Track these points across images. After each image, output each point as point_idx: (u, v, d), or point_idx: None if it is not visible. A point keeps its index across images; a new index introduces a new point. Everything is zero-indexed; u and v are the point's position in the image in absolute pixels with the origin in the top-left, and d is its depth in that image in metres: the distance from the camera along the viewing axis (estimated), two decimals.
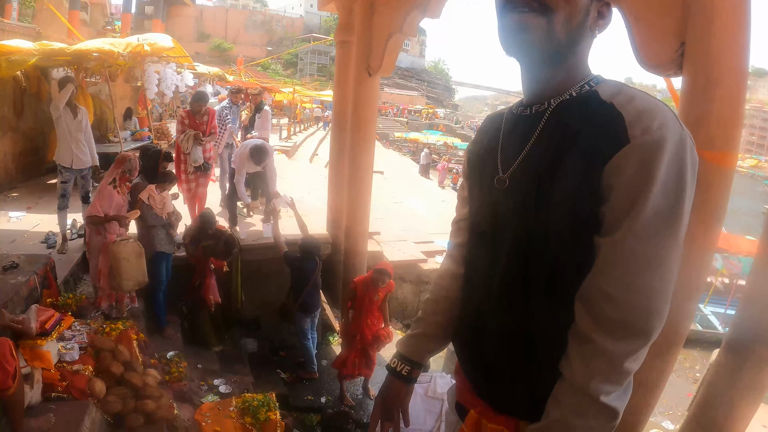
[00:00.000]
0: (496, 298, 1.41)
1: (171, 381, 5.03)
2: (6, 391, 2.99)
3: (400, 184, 16.66)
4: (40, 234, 6.49)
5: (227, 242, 6.24)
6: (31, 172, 9.39)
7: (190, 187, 7.41)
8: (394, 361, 1.75)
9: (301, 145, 19.82)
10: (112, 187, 5.06)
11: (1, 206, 7.51)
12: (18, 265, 4.42)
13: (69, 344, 4.20)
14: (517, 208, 1.33)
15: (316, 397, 6.36)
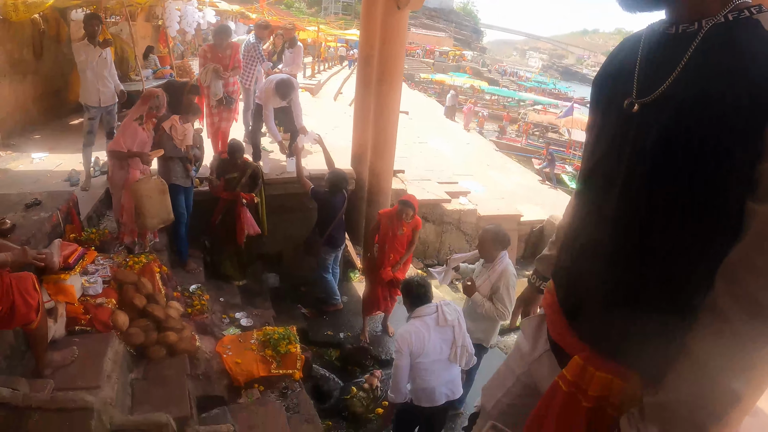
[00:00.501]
0: (608, 237, 1.28)
1: (193, 314, 5.10)
2: (29, 325, 3.03)
3: (425, 125, 16.37)
4: (63, 173, 6.51)
5: (253, 175, 6.18)
6: (53, 114, 9.35)
7: (213, 121, 7.34)
8: (533, 276, 1.98)
9: (326, 84, 19.50)
10: (138, 124, 4.99)
11: (24, 148, 7.52)
12: (40, 202, 4.43)
13: (92, 278, 4.24)
14: (648, 143, 1.16)
15: (335, 333, 6.43)
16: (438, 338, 3.72)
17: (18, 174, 6.50)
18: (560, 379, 1.43)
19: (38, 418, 2.74)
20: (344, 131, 9.01)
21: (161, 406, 3.54)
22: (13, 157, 7.12)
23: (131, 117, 5.00)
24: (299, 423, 4.07)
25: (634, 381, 1.28)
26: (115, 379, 3.48)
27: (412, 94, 23.51)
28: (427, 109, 22.14)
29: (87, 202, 5.68)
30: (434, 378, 3.76)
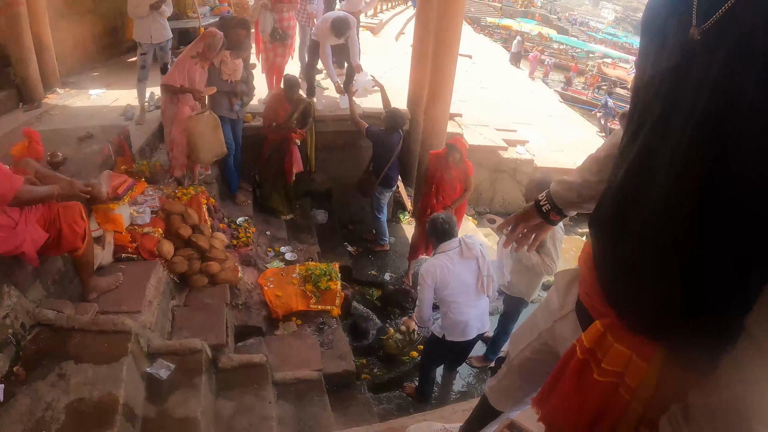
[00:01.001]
0: (660, 192, 1.04)
1: (238, 245, 5.22)
2: (76, 252, 3.16)
3: (488, 70, 15.79)
4: (119, 108, 6.65)
5: (305, 111, 6.15)
6: (111, 52, 9.49)
7: (268, 56, 7.27)
8: (543, 196, 1.71)
9: (387, 23, 19.01)
10: (194, 61, 5.01)
11: (82, 85, 7.70)
12: (92, 135, 4.56)
13: (141, 208, 4.37)
14: (715, 83, 0.90)
15: (379, 273, 6.48)
16: (463, 270, 3.84)
17: (75, 110, 6.69)
18: (578, 344, 1.29)
19: (79, 339, 2.90)
20: (403, 72, 8.78)
21: (199, 333, 3.69)
22: (71, 94, 7.32)
23: (188, 53, 5.02)
24: (333, 358, 4.16)
25: (656, 364, 1.12)
26: (156, 305, 3.63)
27: (477, 38, 22.69)
28: (492, 54, 21.34)
29: (140, 136, 5.82)
30: (465, 311, 3.83)
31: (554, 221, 1.70)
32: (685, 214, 0.99)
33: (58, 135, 4.63)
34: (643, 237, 1.10)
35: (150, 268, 3.87)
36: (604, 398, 1.22)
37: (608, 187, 1.27)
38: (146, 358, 3.10)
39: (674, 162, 0.99)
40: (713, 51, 0.91)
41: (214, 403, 3.18)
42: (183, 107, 5.03)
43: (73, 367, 2.70)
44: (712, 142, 0.91)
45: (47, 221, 2.96)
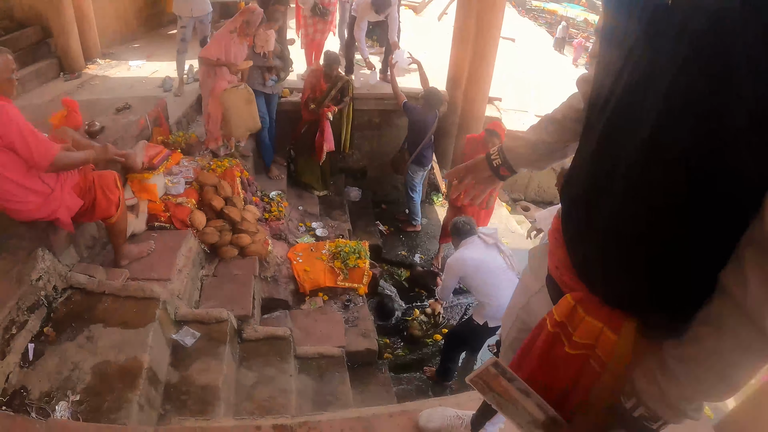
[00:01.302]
0: (628, 179, 1.01)
1: (270, 219, 5.28)
2: (109, 219, 3.24)
3: (531, 54, 15.46)
4: (158, 80, 6.77)
5: (342, 88, 6.14)
6: (152, 24, 9.62)
7: (307, 32, 7.27)
8: (494, 149, 1.66)
9: (431, 2, 18.77)
10: (232, 36, 5.03)
11: (122, 56, 7.84)
12: (130, 106, 4.64)
13: (175, 179, 4.45)
14: (685, 65, 0.85)
15: (409, 254, 6.48)
16: (489, 256, 3.97)
17: (115, 80, 6.83)
18: (548, 317, 1.27)
19: (109, 303, 2.99)
20: (443, 52, 8.67)
21: (226, 303, 3.76)
22: (111, 65, 7.47)
23: (227, 28, 5.05)
24: (356, 336, 4.20)
25: (627, 336, 1.11)
26: (186, 273, 3.71)
27: (520, 22, 22.21)
28: (535, 38, 20.81)
29: (178, 107, 5.91)
30: (501, 294, 3.80)
31: (504, 176, 1.64)
32: (652, 204, 0.97)
33: (96, 105, 4.73)
34: (609, 227, 1.09)
35: (181, 237, 3.95)
36: (575, 370, 1.22)
37: (576, 165, 1.25)
38: (173, 324, 3.18)
39: (642, 145, 0.95)
40: (685, 18, 0.85)
41: (236, 372, 3.25)
42: (220, 80, 5.07)
43: (102, 331, 2.79)
44: (685, 122, 0.87)
45: (82, 189, 3.04)
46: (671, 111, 0.88)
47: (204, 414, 2.68)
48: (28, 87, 6.34)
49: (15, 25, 6.81)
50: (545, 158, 1.57)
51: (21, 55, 6.74)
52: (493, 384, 1.30)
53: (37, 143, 2.64)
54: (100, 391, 2.44)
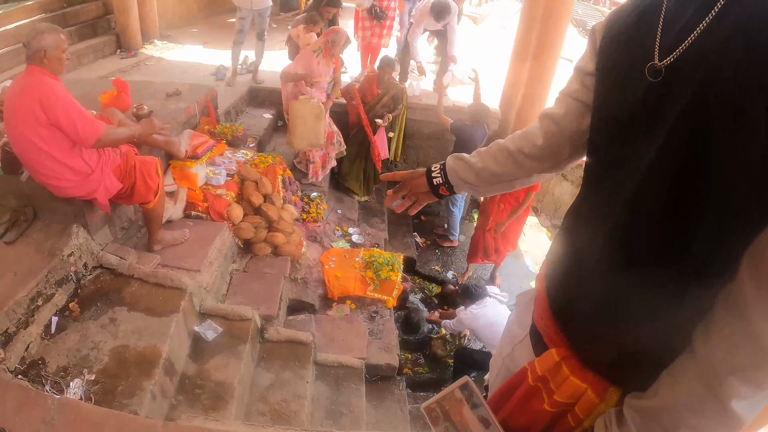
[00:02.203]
0: (612, 231, 1.03)
1: (307, 220, 5.33)
2: (147, 204, 3.34)
3: None
4: (212, 67, 6.95)
5: (395, 96, 6.17)
6: (212, 11, 9.90)
7: (364, 35, 7.34)
8: (436, 166, 1.58)
9: (492, 14, 18.70)
10: (315, 55, 5.18)
11: (180, 40, 8.09)
12: (180, 92, 4.76)
13: (217, 170, 4.54)
14: (674, 124, 0.86)
15: (443, 269, 6.44)
16: (503, 312, 4.30)
17: (170, 63, 7.05)
18: (530, 368, 1.26)
19: (136, 288, 3.07)
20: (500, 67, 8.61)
21: (253, 301, 3.81)
22: (168, 47, 7.72)
23: (312, 47, 5.22)
24: (378, 349, 4.18)
25: (610, 402, 1.13)
26: (217, 266, 3.77)
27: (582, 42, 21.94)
28: None
29: (228, 97, 6.04)
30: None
31: (442, 196, 1.59)
32: (642, 257, 0.98)
33: (147, 87, 4.86)
34: (596, 286, 1.10)
35: (217, 229, 4.03)
36: (549, 422, 1.23)
37: (570, 215, 1.25)
38: (196, 316, 3.24)
39: (638, 197, 0.96)
40: (677, 86, 0.87)
41: (254, 371, 3.28)
42: (298, 95, 5.27)
43: (126, 314, 2.86)
44: (661, 187, 0.91)
45: (123, 172, 3.13)
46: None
47: (215, 410, 2.71)
48: (84, 61, 6.61)
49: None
50: (487, 187, 1.52)
51: (81, 29, 7.06)
52: (452, 412, 1.27)
53: (84, 122, 2.73)
54: (115, 375, 2.51)
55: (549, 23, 6.64)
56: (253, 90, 6.64)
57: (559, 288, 1.26)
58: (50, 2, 6.99)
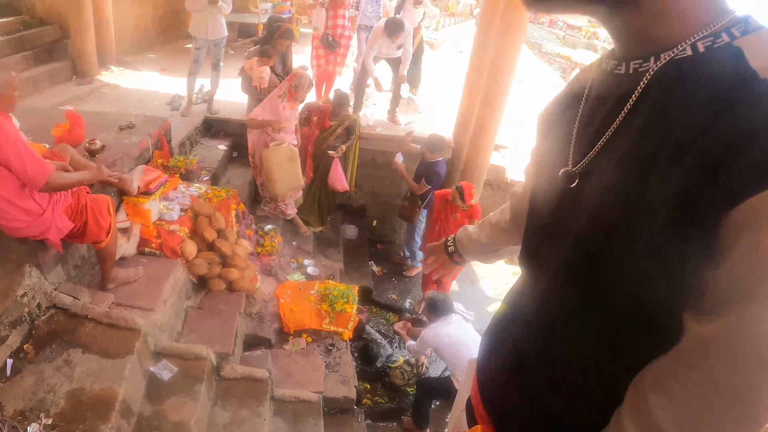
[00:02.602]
0: (538, 318, 1.09)
1: (262, 253, 5.39)
2: (99, 243, 3.36)
3: (543, 98, 15.79)
4: (168, 96, 6.99)
5: (349, 127, 6.30)
6: (170, 36, 9.94)
7: (320, 63, 7.50)
8: (451, 237, 1.82)
9: (449, 39, 19.20)
10: (280, 100, 5.31)
11: (136, 66, 8.10)
12: (134, 125, 4.79)
13: (171, 204, 4.57)
14: (585, 226, 0.90)
15: (400, 298, 6.58)
16: (468, 331, 4.29)
17: (126, 91, 7.07)
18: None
19: (90, 329, 3.08)
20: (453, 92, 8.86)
21: (208, 338, 3.85)
22: (125, 73, 7.73)
23: (275, 93, 5.35)
24: (335, 382, 4.26)
25: None
26: (171, 304, 3.80)
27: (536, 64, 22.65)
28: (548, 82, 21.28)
29: (183, 128, 6.09)
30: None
31: (457, 261, 1.81)
32: (560, 343, 1.02)
33: (101, 119, 4.88)
34: (516, 367, 1.16)
35: (170, 266, 4.06)
36: None
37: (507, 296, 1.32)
38: (152, 356, 3.27)
39: (546, 285, 1.04)
40: (581, 198, 0.92)
41: (211, 410, 3.32)
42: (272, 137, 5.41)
43: (80, 356, 2.87)
44: (578, 283, 0.94)
45: (75, 212, 3.15)
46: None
47: None
48: (40, 87, 6.58)
49: (36, 21, 7.11)
50: (485, 256, 1.73)
51: (37, 53, 7.02)
52: None
53: (33, 162, 2.75)
54: (72, 418, 2.52)
55: (502, 51, 6.89)
56: (207, 120, 6.70)
57: (485, 371, 1.32)
58: (7, 24, 6.94)
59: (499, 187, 8.41)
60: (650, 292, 0.80)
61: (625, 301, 0.85)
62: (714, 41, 0.77)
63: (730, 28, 0.77)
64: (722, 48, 0.76)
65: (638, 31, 0.83)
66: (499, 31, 6.81)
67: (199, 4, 6.25)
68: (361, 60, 8.06)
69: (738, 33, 0.76)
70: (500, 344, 1.24)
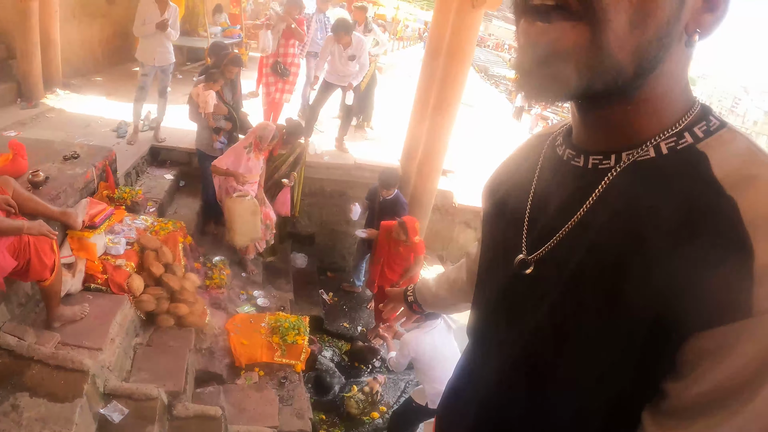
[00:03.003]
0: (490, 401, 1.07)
1: (211, 287, 5.35)
2: (43, 282, 3.29)
3: (488, 121, 16.15)
4: (114, 122, 6.89)
5: (298, 156, 6.34)
6: (118, 59, 9.83)
7: (269, 91, 7.55)
8: (411, 287, 1.83)
9: (397, 63, 19.57)
10: (246, 152, 5.39)
11: (83, 90, 7.97)
12: (79, 156, 4.71)
13: (116, 238, 4.51)
14: (542, 317, 0.88)
15: (351, 325, 6.60)
16: (446, 344, 4.21)
17: (71, 116, 6.95)
18: None
19: (37, 371, 3.01)
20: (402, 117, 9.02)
21: (158, 376, 3.80)
22: (70, 97, 7.62)
23: (241, 144, 5.47)
24: (289, 416, 4.26)
25: None
26: (119, 342, 3.74)
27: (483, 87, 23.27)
28: (495, 105, 21.86)
29: (129, 157, 6.00)
30: (443, 381, 3.94)
31: (415, 311, 1.83)
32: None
33: (45, 148, 4.77)
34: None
35: (117, 303, 3.99)
36: None
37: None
38: (101, 398, 3.20)
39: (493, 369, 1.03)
40: (536, 287, 0.90)
41: None
42: (231, 190, 5.52)
43: (28, 400, 2.80)
44: (530, 373, 0.93)
45: (17, 249, 3.09)
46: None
47: None
48: None
49: None
50: (444, 309, 1.83)
51: None
52: None
53: None
54: None
55: (447, 80, 7.05)
56: (154, 149, 6.62)
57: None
58: None
59: (447, 212, 8.56)
60: (607, 390, 0.81)
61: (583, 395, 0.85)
62: (677, 142, 0.77)
63: (693, 127, 0.77)
64: (686, 150, 0.76)
65: (616, 125, 0.82)
66: (446, 55, 7.01)
67: (148, 28, 6.21)
68: (307, 89, 8.18)
69: (701, 133, 0.77)
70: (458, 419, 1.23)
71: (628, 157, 0.80)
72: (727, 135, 0.76)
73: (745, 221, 0.66)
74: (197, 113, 5.66)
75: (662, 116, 0.79)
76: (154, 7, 6.20)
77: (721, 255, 0.66)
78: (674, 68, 0.76)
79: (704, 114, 0.79)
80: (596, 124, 0.85)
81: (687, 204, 0.71)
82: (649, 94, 0.77)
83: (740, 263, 0.64)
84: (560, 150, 0.94)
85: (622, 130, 0.81)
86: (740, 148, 0.75)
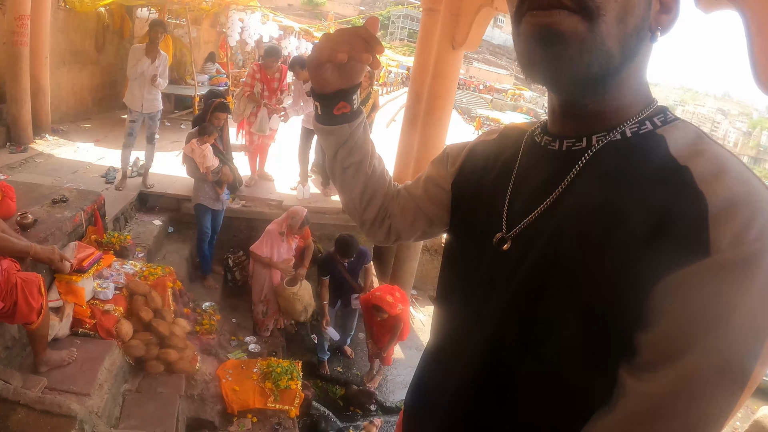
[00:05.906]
0: (462, 386, 1.08)
1: (201, 332, 5.27)
2: (30, 325, 3.24)
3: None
4: (103, 168, 6.93)
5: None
6: (107, 105, 9.99)
7: (252, 139, 7.59)
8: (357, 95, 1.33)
9: (381, 108, 19.88)
10: (280, 236, 5.68)
11: (71, 136, 8.04)
12: (67, 199, 4.70)
13: (105, 283, 4.46)
14: (516, 291, 0.96)
15: (345, 370, 6.48)
16: None
17: (60, 162, 6.99)
18: None
19: (23, 416, 2.92)
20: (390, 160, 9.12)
21: (148, 423, 3.70)
22: (59, 143, 7.69)
23: (275, 229, 5.76)
24: None
25: None
26: (107, 389, 3.66)
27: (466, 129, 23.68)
28: None
29: (118, 203, 6.01)
30: None
31: (336, 112, 1.30)
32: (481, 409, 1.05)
33: (33, 191, 4.77)
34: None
35: (106, 348, 3.92)
36: None
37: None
38: None
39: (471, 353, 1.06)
40: (512, 262, 0.98)
41: None
42: (275, 274, 5.81)
43: None
44: (506, 348, 0.98)
45: (4, 291, 3.04)
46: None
47: None
48: None
49: None
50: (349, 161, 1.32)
51: None
52: None
53: None
54: None
55: (430, 122, 7.20)
56: (143, 195, 6.64)
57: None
58: None
59: (437, 252, 8.59)
60: (582, 354, 0.87)
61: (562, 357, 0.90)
62: (640, 128, 0.91)
63: (653, 118, 0.92)
64: (647, 134, 0.90)
65: (590, 114, 0.94)
66: (428, 97, 7.17)
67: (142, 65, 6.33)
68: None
69: (659, 122, 0.91)
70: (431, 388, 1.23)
71: (598, 141, 0.93)
72: (680, 124, 0.91)
73: (697, 182, 0.79)
74: (195, 168, 5.61)
75: (628, 107, 0.93)
76: (144, 55, 6.31)
77: (681, 209, 0.78)
78: (641, 62, 0.91)
79: (662, 109, 0.94)
80: (573, 114, 0.97)
81: (649, 174, 0.84)
82: (624, 80, 0.90)
83: (697, 213, 0.76)
84: (539, 138, 1.06)
85: (595, 119, 0.94)
86: (691, 133, 0.89)
